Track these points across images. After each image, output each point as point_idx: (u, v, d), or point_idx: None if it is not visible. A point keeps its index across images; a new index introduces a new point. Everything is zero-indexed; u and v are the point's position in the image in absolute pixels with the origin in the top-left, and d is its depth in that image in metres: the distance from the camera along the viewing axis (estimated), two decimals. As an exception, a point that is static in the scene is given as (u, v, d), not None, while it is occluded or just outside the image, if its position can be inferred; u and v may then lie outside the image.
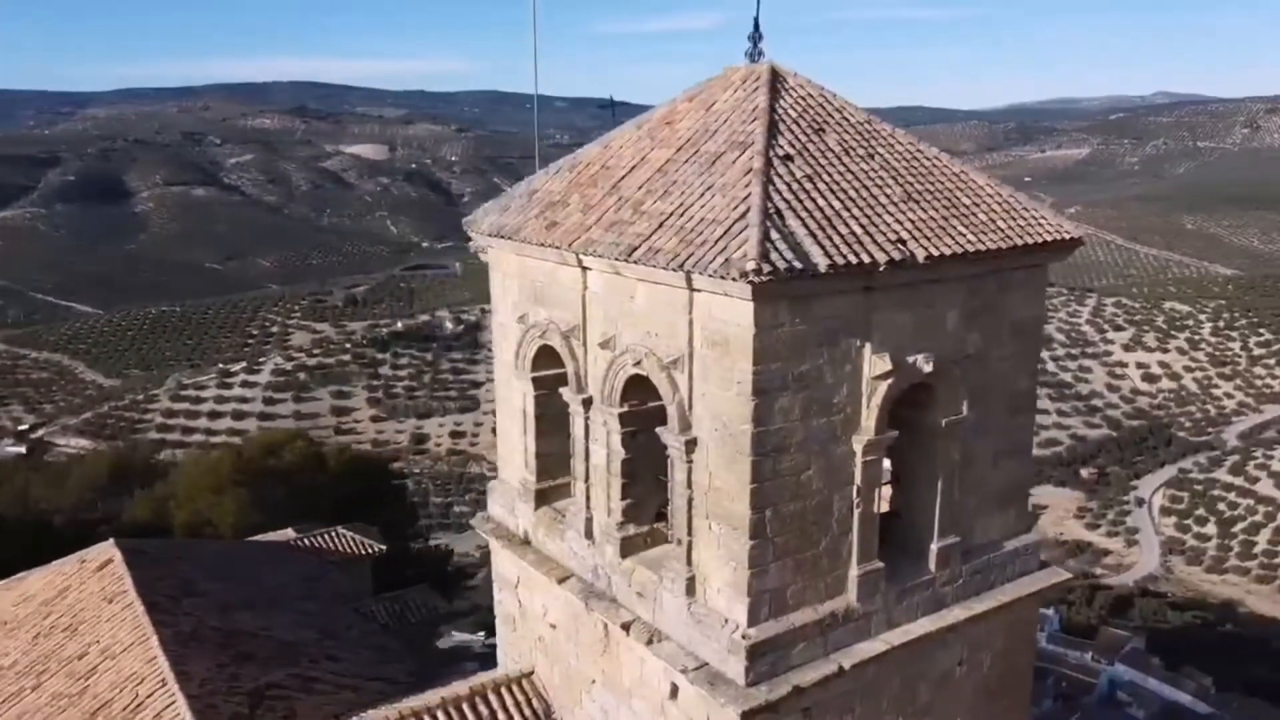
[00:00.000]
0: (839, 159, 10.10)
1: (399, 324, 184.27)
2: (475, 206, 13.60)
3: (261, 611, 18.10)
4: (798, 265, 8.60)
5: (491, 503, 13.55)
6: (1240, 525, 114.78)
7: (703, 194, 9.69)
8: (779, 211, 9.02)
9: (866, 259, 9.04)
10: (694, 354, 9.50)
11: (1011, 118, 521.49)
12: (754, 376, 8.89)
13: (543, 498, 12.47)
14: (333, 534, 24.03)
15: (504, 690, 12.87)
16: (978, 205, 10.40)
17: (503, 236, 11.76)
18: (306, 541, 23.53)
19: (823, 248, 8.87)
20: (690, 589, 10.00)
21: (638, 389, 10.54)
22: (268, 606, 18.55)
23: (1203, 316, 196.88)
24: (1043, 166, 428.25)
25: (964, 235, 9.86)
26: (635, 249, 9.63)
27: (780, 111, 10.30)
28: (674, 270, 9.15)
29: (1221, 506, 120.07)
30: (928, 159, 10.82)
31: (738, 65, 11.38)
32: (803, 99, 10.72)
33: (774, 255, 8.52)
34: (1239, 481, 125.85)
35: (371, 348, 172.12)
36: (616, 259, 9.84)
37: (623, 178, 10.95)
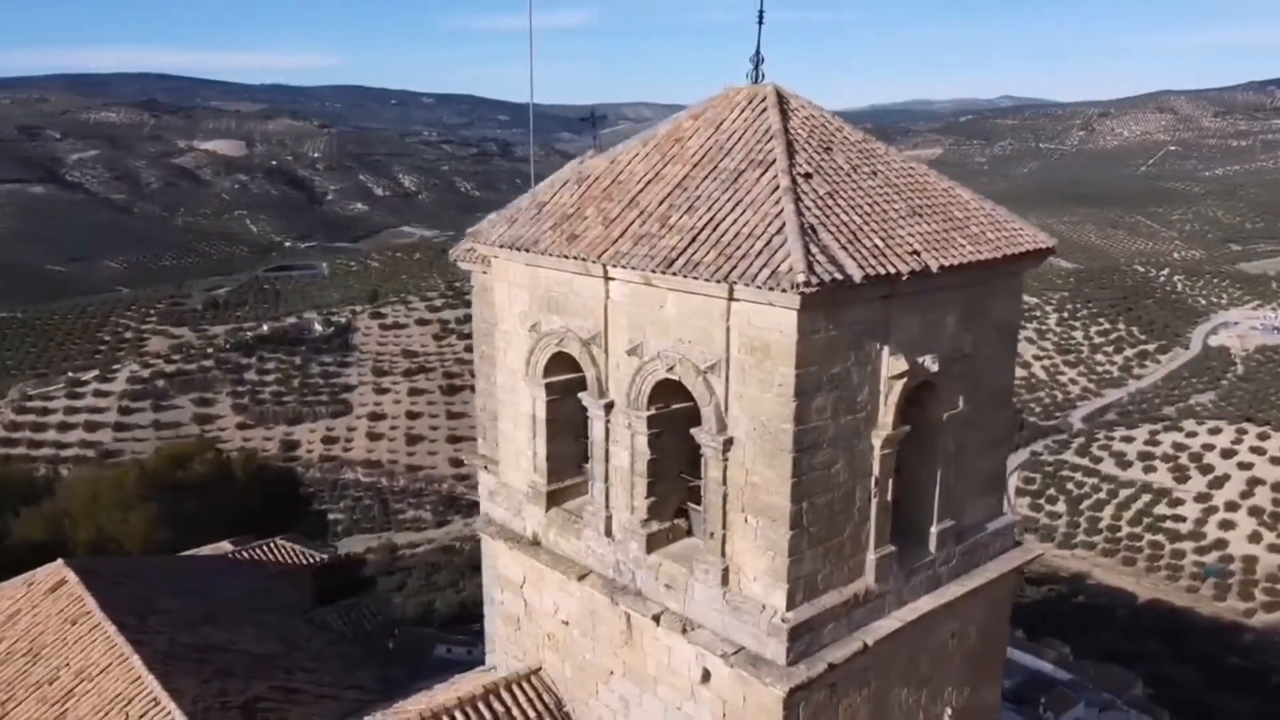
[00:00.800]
0: (849, 177, 10.97)
1: (264, 327, 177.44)
2: (342, 205, 13.91)
3: (225, 626, 17.81)
4: (838, 277, 9.40)
5: (492, 506, 13.90)
6: (1086, 503, 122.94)
7: (732, 209, 10.38)
8: (812, 227, 9.79)
9: (892, 270, 9.92)
10: (730, 359, 10.18)
11: (871, 118, 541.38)
12: (796, 379, 9.65)
13: (553, 499, 12.92)
14: (272, 545, 23.64)
15: (515, 687, 13.26)
16: (969, 218, 11.44)
17: (517, 248, 12.14)
18: (246, 554, 23.07)
19: (855, 260, 9.69)
20: (725, 579, 10.68)
21: (659, 393, 11.16)
22: (229, 621, 18.25)
23: (1049, 308, 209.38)
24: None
25: (964, 246, 10.88)
26: (673, 261, 10.24)
27: (793, 132, 11.08)
28: (717, 281, 9.80)
29: (1070, 486, 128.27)
30: (920, 175, 11.81)
31: (739, 85, 12.12)
32: (808, 119, 11.54)
33: (817, 268, 9.29)
34: (1084, 462, 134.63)
35: (235, 352, 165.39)
36: (653, 270, 10.43)
37: (639, 192, 11.53)
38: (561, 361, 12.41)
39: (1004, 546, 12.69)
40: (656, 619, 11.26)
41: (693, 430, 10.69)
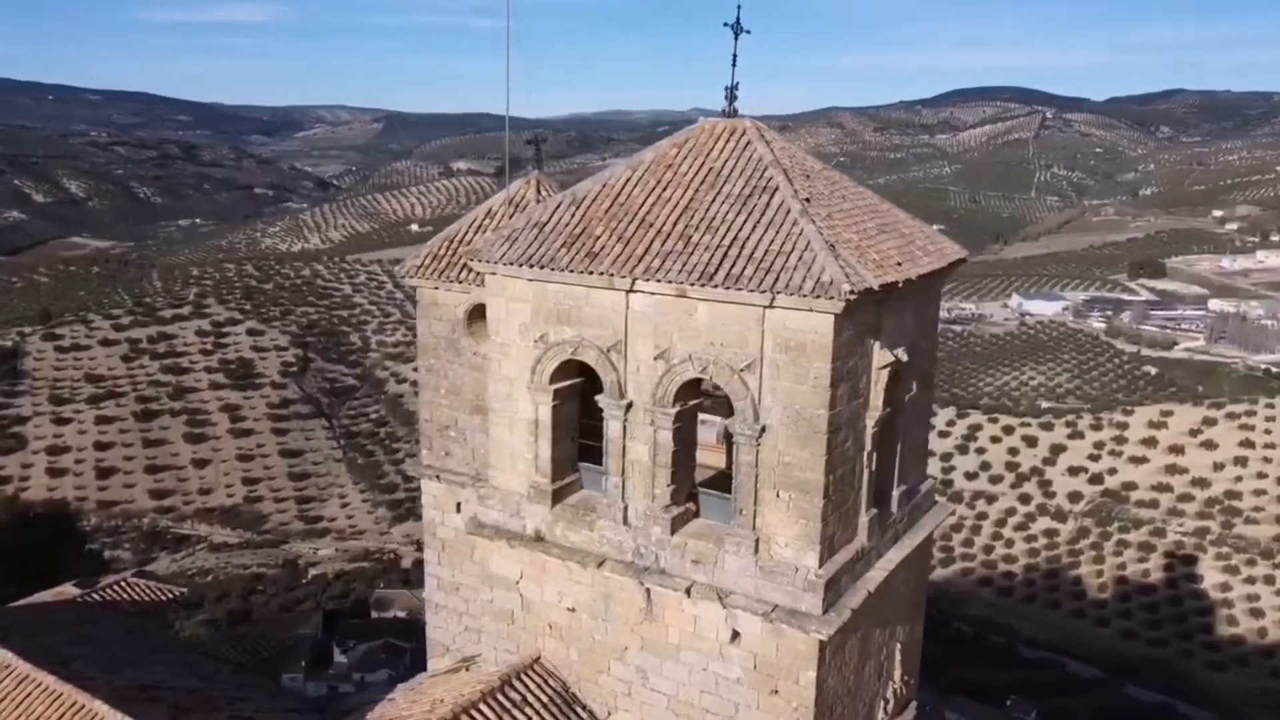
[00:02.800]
0: (831, 201, 12.99)
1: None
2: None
3: (140, 667, 16.90)
4: (863, 286, 11.37)
5: (483, 510, 14.60)
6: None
7: (752, 229, 12.06)
8: (832, 245, 11.70)
9: (892, 279, 12.04)
10: (765, 358, 11.86)
11: (572, 126, 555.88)
12: (831, 371, 11.52)
13: (555, 497, 13.94)
14: (124, 584, 22.16)
15: (523, 675, 14.12)
16: (914, 234, 13.85)
17: (531, 265, 13.08)
18: (97, 595, 21.51)
19: (870, 271, 11.72)
20: (756, 549, 12.34)
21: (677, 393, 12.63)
22: (135, 661, 17.29)
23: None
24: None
25: (924, 258, 13.25)
26: (713, 274, 11.76)
27: (781, 162, 12.94)
28: (761, 291, 11.45)
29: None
30: (869, 198, 14.08)
31: (714, 119, 13.82)
32: (783, 150, 13.46)
33: (852, 278, 11.22)
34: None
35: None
36: (690, 283, 11.88)
37: (647, 213, 12.90)
38: (566, 369, 13.50)
39: (930, 504, 15.30)
40: (688, 591, 12.69)
41: (726, 421, 12.28)
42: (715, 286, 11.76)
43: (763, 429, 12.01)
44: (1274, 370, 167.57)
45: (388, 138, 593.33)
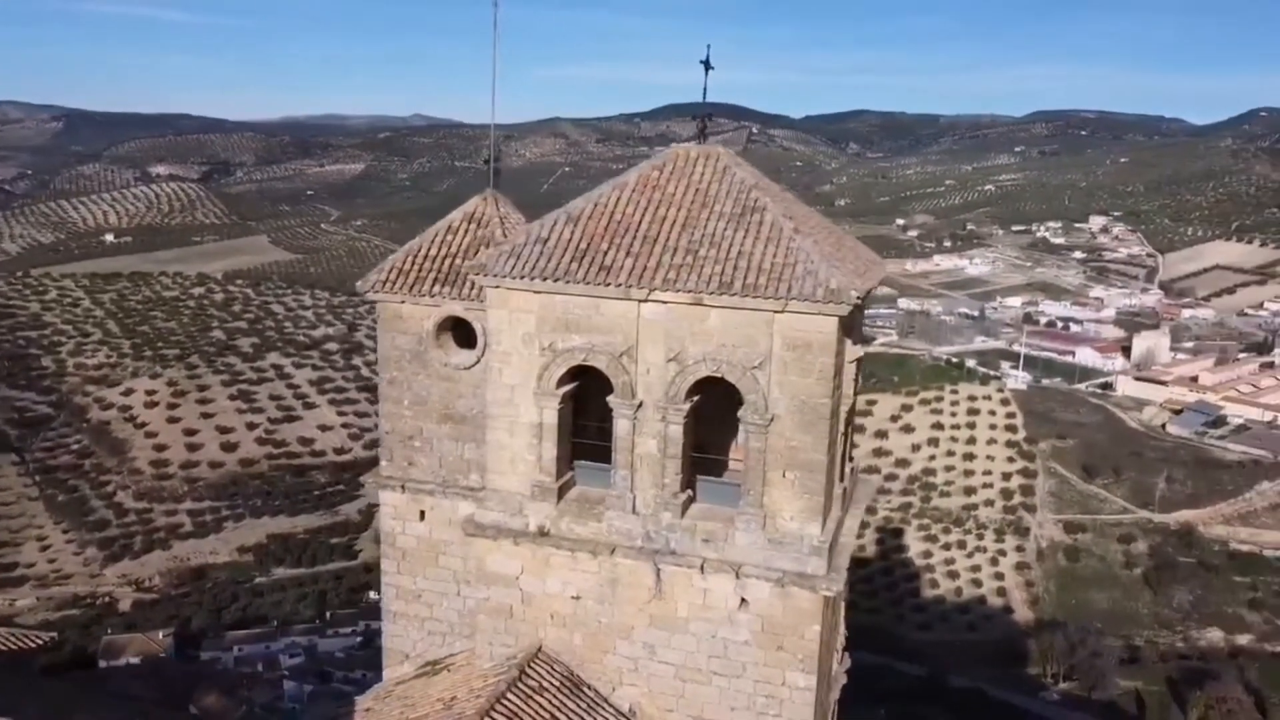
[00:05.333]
0: (806, 220, 14.97)
1: None
2: None
3: (88, 713, 15.89)
4: (864, 292, 13.46)
5: (481, 512, 15.28)
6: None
7: (754, 244, 13.80)
8: (826, 258, 13.69)
9: (871, 286, 14.22)
10: (773, 356, 13.63)
11: (285, 131, 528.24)
12: (833, 366, 13.50)
13: (558, 494, 14.95)
14: (-14, 634, 20.16)
15: (531, 665, 14.99)
16: (857, 247, 16.13)
17: (544, 279, 14.06)
18: (-41, 649, 19.48)
19: (861, 280, 13.82)
20: (764, 524, 14.07)
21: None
22: (81, 709, 16.21)
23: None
24: (322, 180, 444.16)
25: (874, 269, 15.57)
26: (729, 284, 13.38)
27: (761, 185, 14.79)
28: (775, 298, 13.21)
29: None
30: (815, 215, 16.20)
31: (686, 145, 15.44)
32: (751, 172, 15.29)
33: (855, 286, 13.27)
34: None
35: None
36: (707, 292, 13.43)
37: (647, 230, 14.29)
38: (564, 374, 14.59)
39: (857, 479, 17.71)
40: (701, 567, 14.21)
41: (740, 412, 13.91)
42: (732, 295, 13.38)
43: (772, 419, 13.77)
44: (954, 360, 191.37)
45: (69, 138, 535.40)
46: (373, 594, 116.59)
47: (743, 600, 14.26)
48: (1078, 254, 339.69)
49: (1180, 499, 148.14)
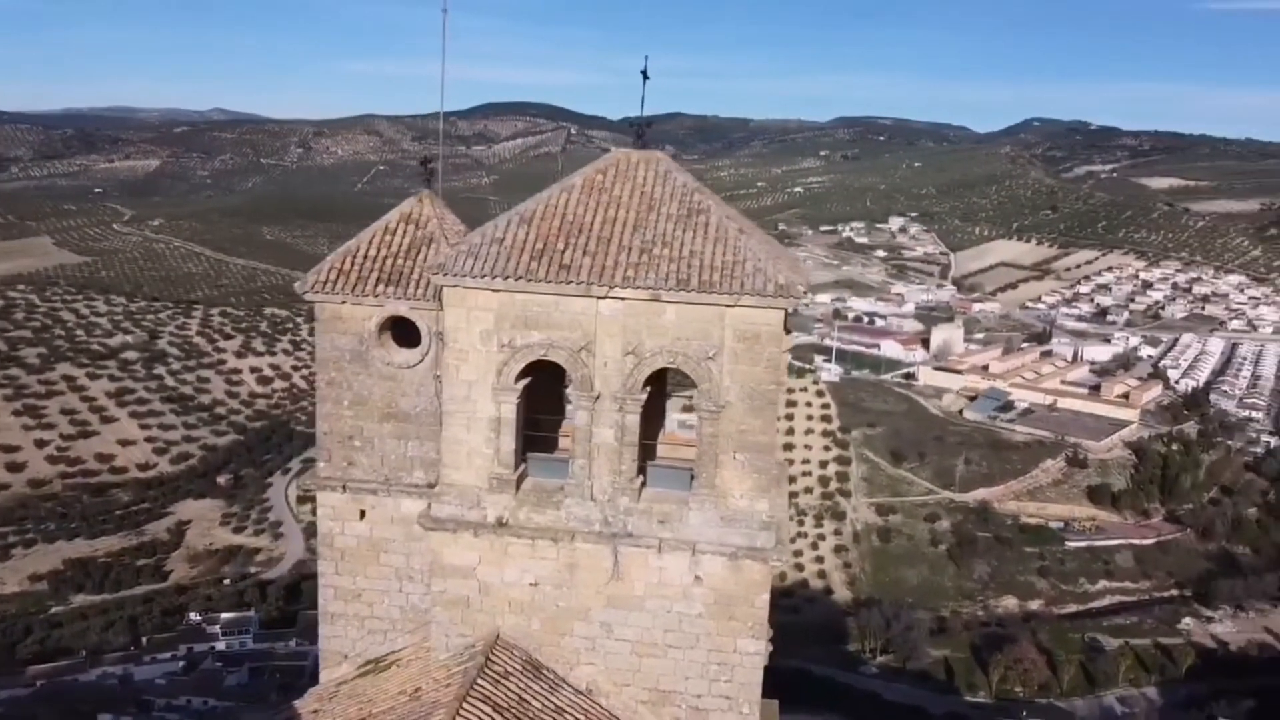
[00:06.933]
0: (736, 219, 16.12)
1: None
2: None
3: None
4: (806, 286, 14.74)
5: (438, 506, 15.58)
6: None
7: (703, 244, 14.83)
8: (771, 256, 14.90)
9: (808, 281, 15.54)
10: (725, 347, 14.71)
11: (69, 124, 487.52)
12: (779, 355, 14.72)
13: (516, 485, 15.49)
14: None
15: (494, 652, 15.45)
16: (779, 249, 17.45)
17: (505, 277, 14.57)
18: None
19: (800, 277, 15.10)
20: (716, 503, 15.13)
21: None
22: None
23: (299, 319, 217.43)
24: (113, 177, 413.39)
25: (802, 269, 16.91)
26: (686, 280, 14.35)
27: (702, 189, 15.84)
28: (730, 294, 14.29)
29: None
30: (740, 217, 17.38)
31: (628, 150, 16.28)
32: (689, 177, 16.32)
33: (800, 282, 14.53)
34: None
35: None
36: (666, 289, 14.35)
37: (599, 230, 15.06)
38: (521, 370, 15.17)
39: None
40: (658, 548, 15.12)
41: (695, 399, 14.89)
42: (689, 291, 14.36)
43: (724, 405, 14.84)
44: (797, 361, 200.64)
45: None
46: (193, 615, 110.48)
47: (697, 577, 15.26)
48: (880, 252, 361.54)
49: (977, 478, 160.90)
